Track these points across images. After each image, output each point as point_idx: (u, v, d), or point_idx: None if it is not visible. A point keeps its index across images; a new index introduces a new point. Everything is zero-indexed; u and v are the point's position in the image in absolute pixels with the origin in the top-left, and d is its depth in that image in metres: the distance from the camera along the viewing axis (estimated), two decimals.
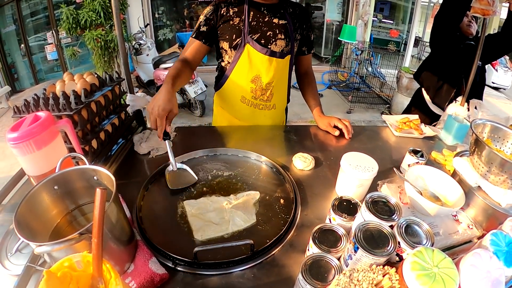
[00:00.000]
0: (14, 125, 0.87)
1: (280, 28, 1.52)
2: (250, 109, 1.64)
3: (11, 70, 6.34)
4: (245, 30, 1.47)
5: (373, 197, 0.81)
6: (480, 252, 0.69)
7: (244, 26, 1.47)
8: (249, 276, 0.83)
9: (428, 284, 0.57)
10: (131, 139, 1.45)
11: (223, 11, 1.48)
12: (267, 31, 1.50)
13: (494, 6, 1.67)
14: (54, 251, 0.58)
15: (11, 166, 3.67)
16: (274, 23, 1.51)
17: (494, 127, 1.12)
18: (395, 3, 8.53)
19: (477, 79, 2.42)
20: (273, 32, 1.51)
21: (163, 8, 7.70)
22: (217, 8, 1.48)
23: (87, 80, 1.21)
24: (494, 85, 9.05)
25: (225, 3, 1.49)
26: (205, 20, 1.49)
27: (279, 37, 1.51)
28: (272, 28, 1.50)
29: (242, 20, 1.48)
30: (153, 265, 0.79)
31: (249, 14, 1.48)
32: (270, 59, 1.52)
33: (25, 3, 6.14)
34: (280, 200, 1.09)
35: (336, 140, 1.57)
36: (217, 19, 1.49)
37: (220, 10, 1.48)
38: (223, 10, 1.48)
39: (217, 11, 1.48)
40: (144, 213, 1.02)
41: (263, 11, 1.50)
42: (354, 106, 5.81)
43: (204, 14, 1.51)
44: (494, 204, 0.98)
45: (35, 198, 0.72)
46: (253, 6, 1.49)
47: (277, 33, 1.51)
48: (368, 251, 0.66)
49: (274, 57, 1.53)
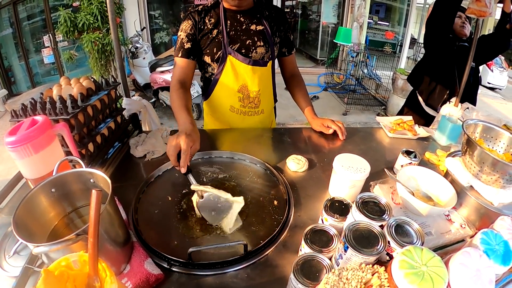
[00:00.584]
0: (12, 129, 0.89)
1: (258, 34, 1.51)
2: (240, 117, 1.65)
3: (7, 73, 6.35)
4: (225, 42, 1.46)
5: (364, 198, 0.82)
6: (470, 250, 0.70)
7: (223, 37, 1.46)
8: (242, 276, 0.84)
9: (416, 283, 0.58)
10: (127, 142, 1.46)
11: (200, 24, 1.45)
12: (246, 40, 1.49)
13: (490, 8, 1.69)
14: (51, 251, 0.59)
15: (8, 170, 3.67)
16: (252, 30, 1.50)
17: (486, 127, 1.14)
18: (391, 5, 8.59)
19: (470, 80, 2.44)
20: (252, 40, 1.50)
21: (159, 12, 7.74)
22: (195, 22, 1.44)
23: (84, 85, 1.23)
24: (490, 86, 9.11)
25: (200, 15, 1.45)
26: (186, 36, 1.44)
27: (258, 44, 1.51)
28: (250, 36, 1.50)
29: (220, 31, 1.46)
30: (148, 265, 0.81)
31: (226, 23, 1.46)
32: (253, 68, 1.52)
33: (22, 6, 6.14)
34: (274, 202, 1.11)
35: (330, 142, 1.58)
36: (197, 33, 1.46)
37: (198, 23, 1.45)
38: (200, 24, 1.45)
39: (196, 24, 1.45)
40: (140, 215, 1.03)
41: (239, 18, 1.48)
42: (350, 108, 5.84)
43: (183, 30, 1.45)
44: (486, 204, 0.99)
45: (33, 200, 0.74)
46: (229, 13, 1.47)
47: (256, 41, 1.51)
48: (357, 250, 0.67)
49: (257, 66, 1.53)
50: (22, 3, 6.14)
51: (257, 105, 1.64)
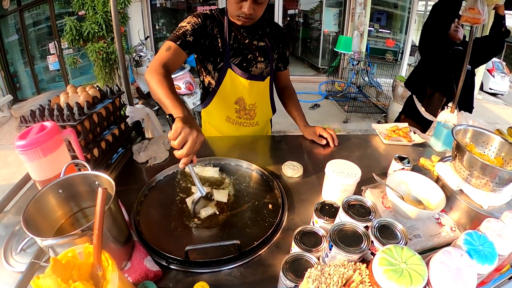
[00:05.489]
0: (22, 133, 0.95)
1: (260, 50, 1.55)
2: (235, 127, 1.70)
3: (13, 79, 6.40)
4: (227, 54, 1.48)
5: (349, 201, 0.87)
6: (451, 250, 0.72)
7: (226, 48, 1.47)
8: (236, 274, 0.89)
9: (394, 278, 0.61)
10: (131, 148, 1.51)
11: (209, 28, 1.43)
12: (248, 54, 1.53)
13: (484, 15, 1.73)
14: (58, 244, 0.65)
15: (12, 174, 3.72)
16: (254, 45, 1.54)
17: (478, 132, 1.17)
18: (392, 12, 8.60)
19: (467, 83, 2.46)
20: (253, 55, 1.54)
21: (163, 21, 7.82)
22: (204, 23, 1.41)
23: (90, 93, 1.29)
24: (491, 91, 9.10)
25: (211, 20, 1.44)
26: (193, 30, 1.36)
27: (259, 59, 1.55)
28: (252, 51, 1.53)
29: (224, 42, 1.47)
30: (148, 263, 0.86)
31: (230, 35, 1.48)
32: (251, 82, 1.56)
33: (28, 13, 6.22)
34: (269, 206, 1.16)
35: (325, 149, 1.62)
36: (204, 34, 1.42)
37: (207, 27, 1.42)
38: (209, 28, 1.43)
39: (205, 27, 1.41)
40: (141, 217, 1.09)
41: (243, 33, 1.51)
42: (351, 115, 5.86)
43: (190, 23, 1.37)
44: (476, 207, 1.02)
45: (41, 200, 0.79)
46: (233, 26, 1.49)
47: (257, 56, 1.55)
48: (341, 249, 0.72)
49: (254, 80, 1.57)
50: (28, 10, 6.21)
51: (253, 116, 1.69)
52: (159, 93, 1.08)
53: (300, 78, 7.81)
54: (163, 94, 1.06)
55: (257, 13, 1.40)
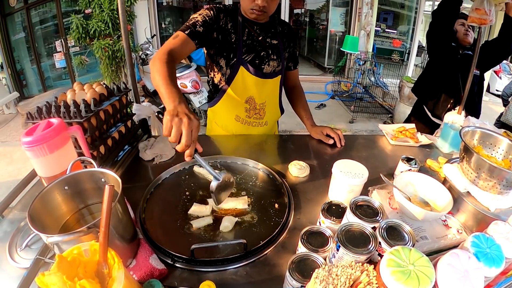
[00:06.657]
0: (29, 129, 0.95)
1: (273, 48, 1.55)
2: (244, 127, 1.69)
3: (20, 76, 6.47)
4: (240, 50, 1.48)
5: (357, 201, 0.86)
6: (458, 252, 0.72)
7: (239, 44, 1.47)
8: (242, 274, 0.89)
9: (402, 280, 0.61)
10: (137, 146, 1.51)
11: (222, 22, 1.42)
12: (261, 51, 1.52)
13: (490, 15, 1.71)
14: (64, 241, 0.65)
15: (18, 170, 3.75)
16: (267, 43, 1.54)
17: (485, 133, 1.16)
18: (399, 12, 8.56)
19: (475, 89, 2.44)
20: (266, 52, 1.54)
21: (169, 19, 7.84)
22: (217, 17, 1.40)
23: (96, 90, 1.29)
24: (498, 93, 9.01)
25: (224, 14, 1.43)
26: (203, 21, 1.35)
27: (271, 57, 1.55)
28: (265, 48, 1.53)
29: (237, 38, 1.46)
30: (153, 261, 0.85)
31: (243, 31, 1.48)
32: (263, 81, 1.56)
33: (34, 11, 6.27)
34: (275, 205, 1.15)
35: (331, 149, 1.61)
36: (217, 28, 1.41)
37: (220, 21, 1.41)
38: (222, 22, 1.42)
39: (218, 21, 1.40)
40: (147, 215, 1.09)
41: (256, 29, 1.51)
42: (357, 116, 5.83)
43: (202, 15, 1.37)
44: (483, 209, 1.01)
45: (47, 196, 0.79)
46: (247, 22, 1.49)
47: (270, 54, 1.55)
48: (348, 249, 0.71)
49: (266, 78, 1.57)
50: (35, 8, 6.26)
51: (262, 116, 1.69)
52: (157, 81, 1.06)
53: (306, 78, 7.78)
54: (160, 81, 1.05)
55: (270, 6, 1.40)
